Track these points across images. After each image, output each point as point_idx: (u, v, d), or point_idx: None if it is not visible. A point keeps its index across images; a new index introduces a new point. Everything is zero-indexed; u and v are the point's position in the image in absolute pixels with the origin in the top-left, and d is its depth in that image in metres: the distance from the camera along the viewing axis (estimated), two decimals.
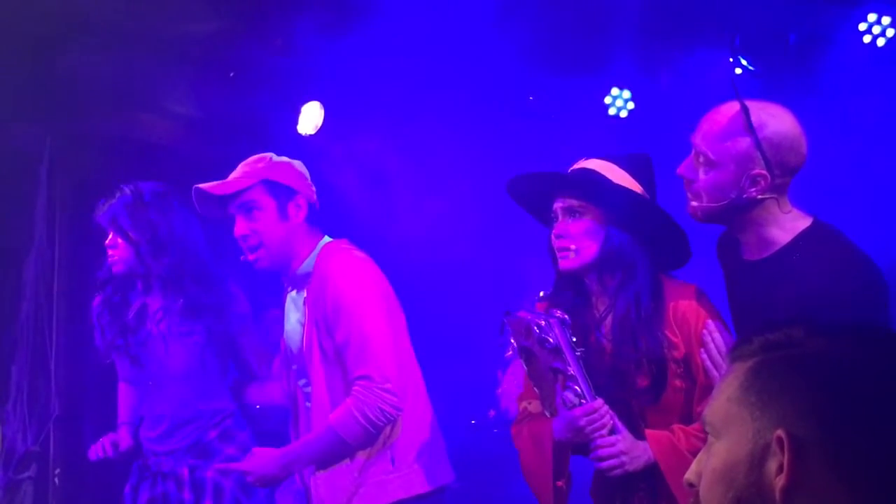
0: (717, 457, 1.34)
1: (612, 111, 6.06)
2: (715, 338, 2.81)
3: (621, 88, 6.04)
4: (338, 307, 3.34)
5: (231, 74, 5.33)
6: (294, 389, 3.63)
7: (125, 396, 4.21)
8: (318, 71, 5.38)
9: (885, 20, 5.31)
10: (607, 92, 6.06)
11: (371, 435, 3.31)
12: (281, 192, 3.47)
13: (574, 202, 2.95)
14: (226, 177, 3.54)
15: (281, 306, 3.69)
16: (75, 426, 5.40)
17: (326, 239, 3.55)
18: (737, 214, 2.79)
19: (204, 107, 5.28)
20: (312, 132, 5.57)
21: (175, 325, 3.93)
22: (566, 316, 2.86)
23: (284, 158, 3.58)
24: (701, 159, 2.77)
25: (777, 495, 1.26)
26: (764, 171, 2.71)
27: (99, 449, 4.03)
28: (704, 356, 2.81)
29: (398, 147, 5.43)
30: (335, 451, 3.33)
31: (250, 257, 3.48)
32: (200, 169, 4.88)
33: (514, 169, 3.14)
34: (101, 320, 4.07)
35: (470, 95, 5.68)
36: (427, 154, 5.49)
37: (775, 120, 2.73)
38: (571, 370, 2.82)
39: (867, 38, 5.35)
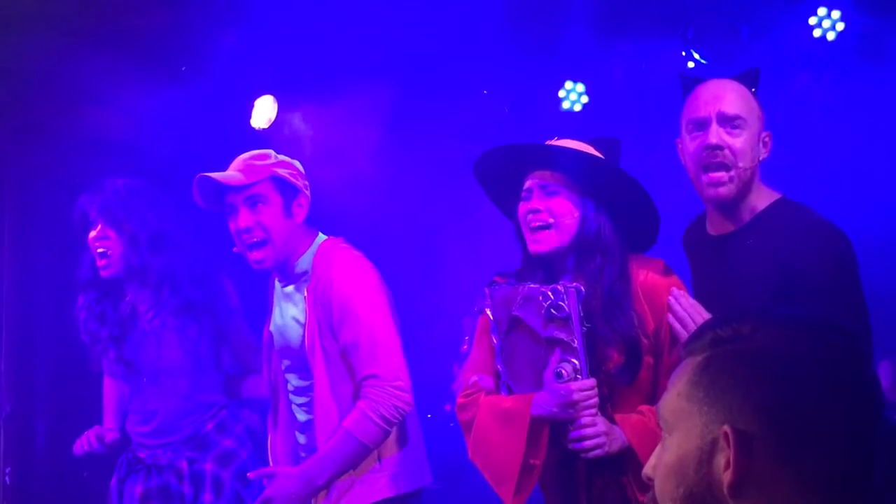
0: (669, 451, 1.35)
1: (565, 105, 6.07)
2: (682, 302, 2.81)
3: (575, 82, 6.05)
4: (344, 308, 3.32)
5: (183, 68, 5.29)
6: (276, 381, 3.62)
7: (110, 391, 4.13)
8: (272, 63, 5.36)
9: (835, 14, 5.36)
10: (561, 85, 6.07)
11: (387, 434, 3.30)
12: (287, 189, 3.45)
13: (549, 178, 2.90)
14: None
15: (265, 297, 3.68)
16: (26, 424, 5.35)
17: (322, 237, 3.53)
18: (749, 182, 2.87)
19: (155, 101, 5.23)
20: (266, 126, 5.55)
21: (168, 322, 3.86)
22: (582, 287, 2.82)
23: (285, 157, 3.55)
24: (736, 123, 2.83)
25: (725, 490, 1.27)
26: (769, 132, 2.89)
27: (84, 442, 3.93)
28: (672, 319, 2.80)
29: (345, 139, 5.41)
30: (356, 456, 3.30)
31: (254, 256, 3.43)
32: (154, 164, 4.85)
33: (467, 165, 3.11)
34: (89, 325, 3.93)
35: (422, 91, 5.67)
36: (375, 147, 5.48)
37: None
38: (576, 343, 2.79)
39: (817, 32, 5.40)
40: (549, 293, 2.81)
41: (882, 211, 5.15)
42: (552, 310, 2.81)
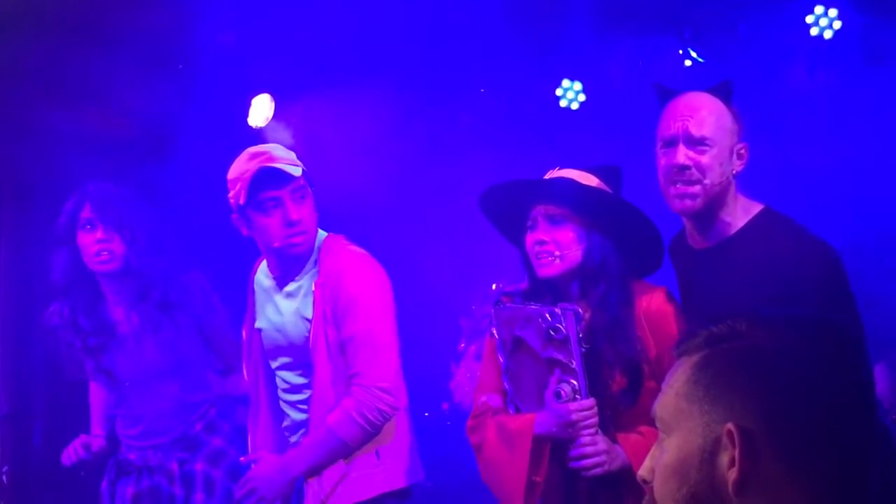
0: (669, 452, 1.34)
1: (563, 103, 6.07)
2: None
3: (572, 80, 6.05)
4: (350, 302, 3.32)
5: (180, 67, 5.28)
6: (258, 380, 3.61)
7: (97, 396, 4.11)
8: (269, 61, 5.35)
9: (832, 13, 5.36)
10: (558, 84, 6.07)
11: (370, 435, 3.32)
12: (311, 183, 3.46)
13: (556, 210, 2.94)
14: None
15: (242, 296, 3.67)
16: (23, 424, 5.34)
17: (323, 233, 3.53)
18: (721, 196, 2.86)
19: (152, 99, 5.22)
20: (263, 124, 5.54)
21: (148, 325, 3.84)
22: (580, 309, 2.88)
23: None
24: (703, 142, 2.82)
25: (730, 489, 1.26)
26: (745, 143, 2.87)
27: (71, 453, 3.91)
28: None
29: (341, 136, 5.41)
30: (336, 453, 3.33)
31: (296, 240, 3.39)
32: (148, 163, 4.84)
33: (465, 163, 3.13)
34: (63, 335, 3.89)
35: (419, 90, 5.66)
36: (374, 147, 5.48)
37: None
38: (574, 364, 2.84)
39: (814, 31, 5.40)
40: (548, 315, 2.87)
41: (879, 210, 5.15)
42: (550, 332, 2.86)
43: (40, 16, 4.49)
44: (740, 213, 2.89)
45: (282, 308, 3.52)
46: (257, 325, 3.59)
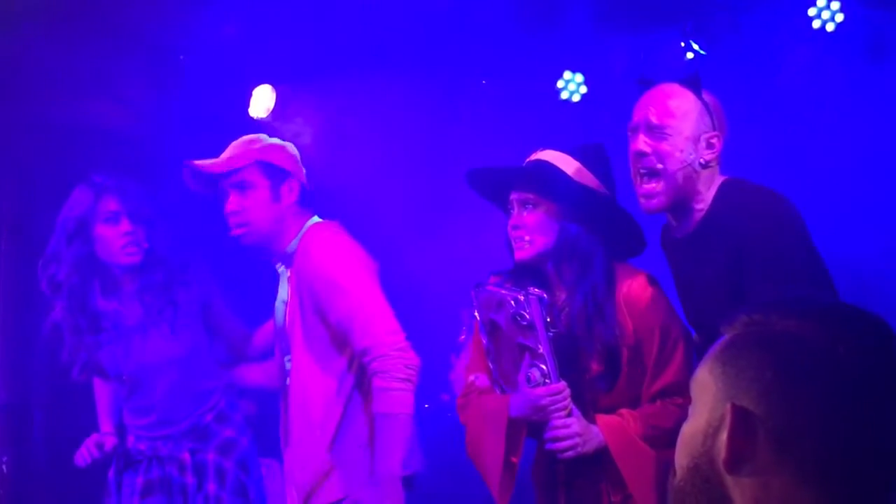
0: (689, 423, 1.36)
1: (564, 95, 6.07)
2: None
3: (573, 72, 6.05)
4: (329, 285, 3.34)
5: (181, 57, 5.27)
6: (282, 366, 3.63)
7: (102, 392, 4.09)
8: (270, 51, 5.35)
9: (834, 5, 5.36)
10: (559, 76, 6.06)
11: (414, 392, 3.28)
12: (275, 173, 3.50)
13: (528, 195, 3.00)
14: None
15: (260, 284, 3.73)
16: (23, 413, 5.35)
17: (315, 219, 3.56)
18: (688, 186, 2.84)
19: (153, 90, 5.22)
20: (264, 115, 5.54)
21: (157, 314, 3.83)
22: (544, 294, 2.91)
23: (277, 140, 3.60)
24: (663, 130, 2.84)
25: (721, 465, 1.27)
26: (717, 133, 2.86)
27: (85, 454, 3.87)
28: None
29: (346, 131, 5.41)
30: (407, 429, 3.27)
31: (236, 232, 3.49)
32: (153, 156, 4.84)
33: (466, 155, 3.16)
34: (72, 328, 3.81)
35: (421, 81, 5.66)
36: (375, 138, 5.47)
37: (706, 92, 2.91)
38: (542, 349, 2.87)
39: (816, 24, 5.40)
40: (512, 302, 2.91)
41: (881, 204, 5.15)
42: (516, 317, 2.90)
43: (40, 7, 4.48)
44: (710, 196, 2.91)
45: (279, 293, 3.60)
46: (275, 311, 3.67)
